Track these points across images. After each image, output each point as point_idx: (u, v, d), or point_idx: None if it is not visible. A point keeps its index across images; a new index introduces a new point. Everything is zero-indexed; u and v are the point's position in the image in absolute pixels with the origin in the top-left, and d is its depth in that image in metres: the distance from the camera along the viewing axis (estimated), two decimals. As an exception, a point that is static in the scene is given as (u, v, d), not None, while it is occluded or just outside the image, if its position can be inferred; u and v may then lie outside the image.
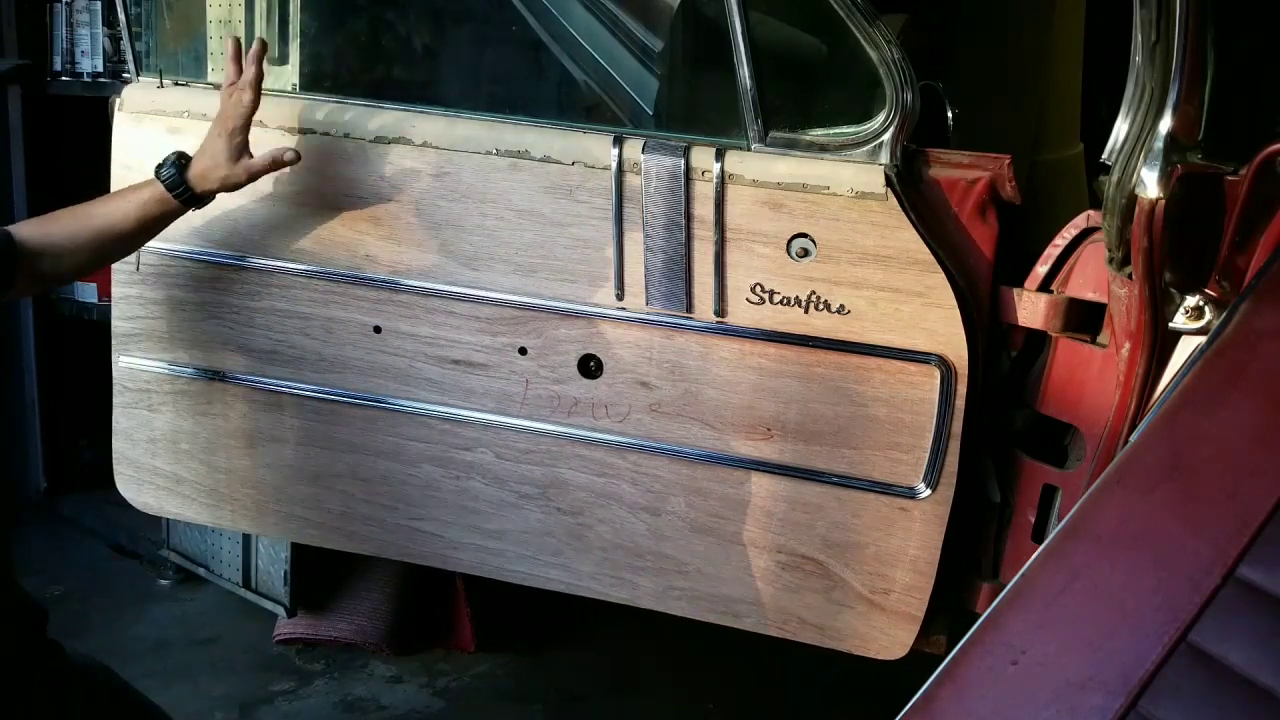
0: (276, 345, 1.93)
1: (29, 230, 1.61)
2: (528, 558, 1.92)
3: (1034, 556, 1.16)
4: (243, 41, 1.76)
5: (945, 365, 1.65)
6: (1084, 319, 1.66)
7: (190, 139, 1.88)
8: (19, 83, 3.11)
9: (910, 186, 1.65)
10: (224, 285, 1.92)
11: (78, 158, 2.43)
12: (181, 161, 1.70)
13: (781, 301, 1.70)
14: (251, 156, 1.72)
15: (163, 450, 2.03)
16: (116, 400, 2.03)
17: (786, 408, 1.73)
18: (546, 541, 1.90)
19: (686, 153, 1.68)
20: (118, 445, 2.06)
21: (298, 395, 1.94)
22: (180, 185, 1.68)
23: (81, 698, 1.54)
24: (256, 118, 1.83)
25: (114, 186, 1.94)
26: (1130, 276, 1.47)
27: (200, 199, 1.72)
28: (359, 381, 1.91)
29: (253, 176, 1.73)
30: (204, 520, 2.09)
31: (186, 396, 1.99)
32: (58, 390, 3.31)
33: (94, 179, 1.95)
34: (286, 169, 1.77)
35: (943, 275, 1.62)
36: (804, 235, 1.67)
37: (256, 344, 1.93)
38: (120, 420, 2.04)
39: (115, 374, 2.02)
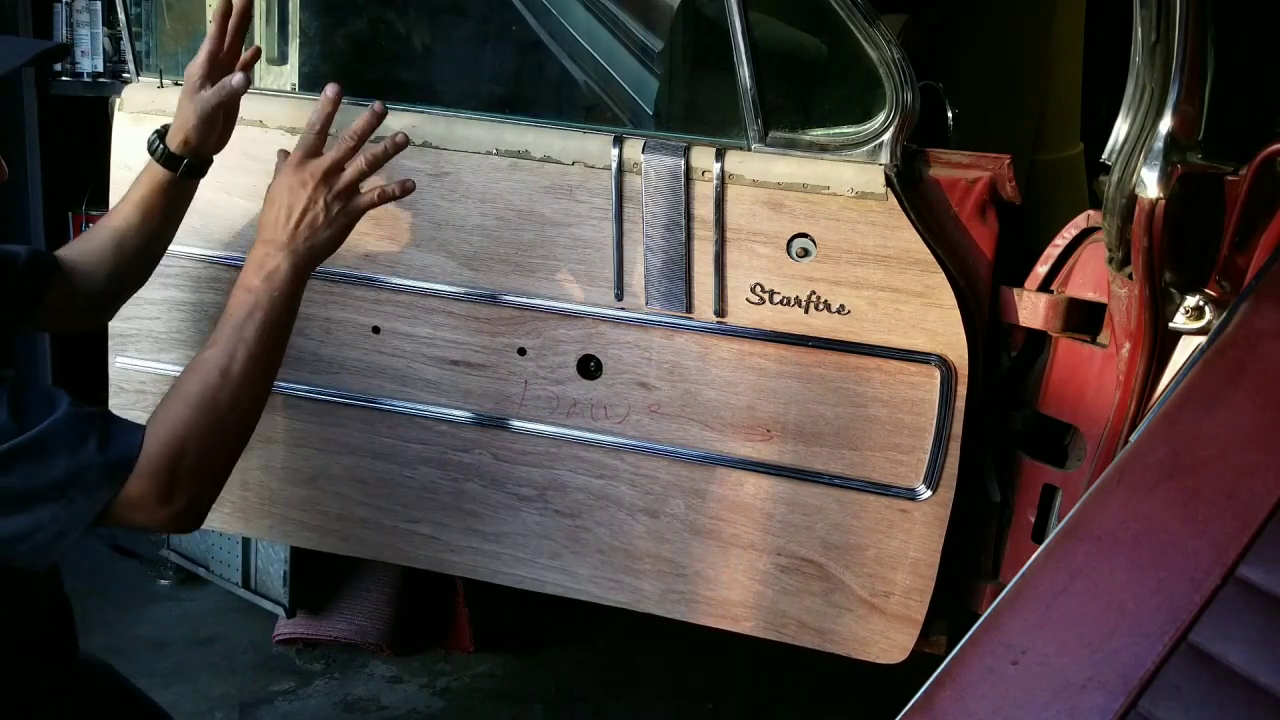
0: (275, 345, 1.92)
1: (63, 251, 1.60)
2: (525, 560, 1.91)
3: (1034, 556, 1.16)
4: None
5: (945, 365, 1.64)
6: (1084, 319, 1.66)
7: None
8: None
9: (910, 186, 1.65)
10: (222, 285, 1.92)
11: (78, 158, 2.43)
12: (162, 130, 1.63)
13: (781, 301, 1.70)
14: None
15: (161, 451, 2.03)
16: (113, 401, 2.02)
17: (786, 408, 1.73)
18: (544, 544, 1.89)
19: (686, 153, 1.68)
20: None
21: (295, 396, 1.93)
22: (159, 146, 1.60)
23: (83, 696, 1.54)
24: (256, 118, 1.84)
25: (114, 187, 1.94)
26: (1130, 276, 1.47)
27: (180, 158, 1.60)
28: (357, 382, 1.90)
29: (213, 103, 1.57)
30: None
31: (185, 397, 1.99)
32: (69, 388, 3.30)
33: (94, 179, 1.95)
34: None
35: (943, 275, 1.62)
36: (804, 235, 1.66)
37: (255, 344, 1.93)
38: None
39: (111, 374, 2.01)
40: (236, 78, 1.57)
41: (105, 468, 1.26)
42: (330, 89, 1.48)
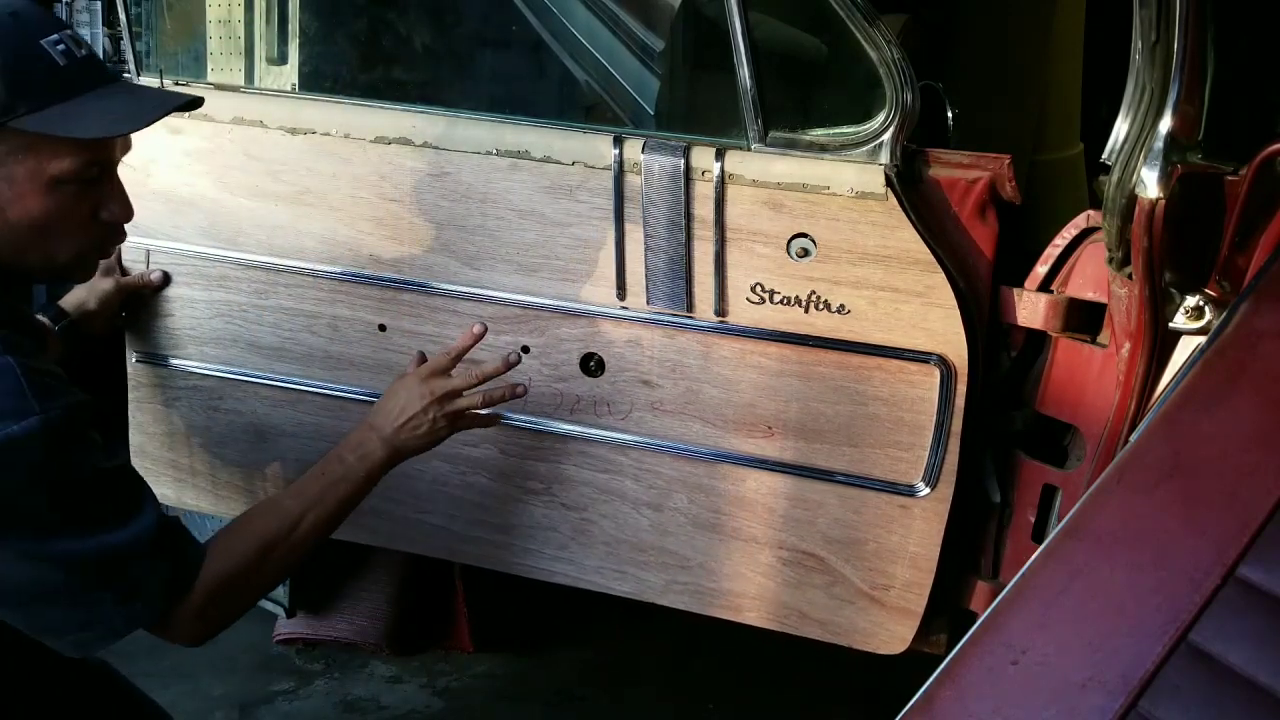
0: (284, 342, 1.93)
1: None
2: (533, 551, 1.93)
3: (1034, 556, 1.16)
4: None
5: (945, 365, 1.65)
6: (1084, 319, 1.66)
7: (191, 139, 1.89)
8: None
9: (910, 186, 1.65)
10: (232, 283, 1.93)
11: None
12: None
13: (782, 301, 1.70)
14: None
15: (178, 444, 2.05)
16: (131, 396, 2.05)
17: (787, 406, 1.74)
18: (551, 536, 1.91)
19: (686, 152, 1.68)
20: (134, 439, 2.07)
21: (306, 392, 1.95)
22: (53, 308, 1.81)
23: (83, 696, 1.55)
24: (257, 118, 1.85)
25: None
26: (1130, 276, 1.47)
27: (68, 316, 1.83)
28: (366, 378, 1.91)
29: (121, 288, 1.91)
30: (218, 511, 2.10)
31: (199, 392, 2.00)
32: (83, 385, 3.29)
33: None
34: (155, 286, 1.96)
35: (943, 275, 1.62)
36: (804, 235, 1.67)
37: (264, 341, 1.94)
38: (136, 415, 2.06)
39: (130, 370, 2.03)
40: (157, 274, 1.95)
41: (170, 582, 1.34)
42: (478, 327, 1.68)
